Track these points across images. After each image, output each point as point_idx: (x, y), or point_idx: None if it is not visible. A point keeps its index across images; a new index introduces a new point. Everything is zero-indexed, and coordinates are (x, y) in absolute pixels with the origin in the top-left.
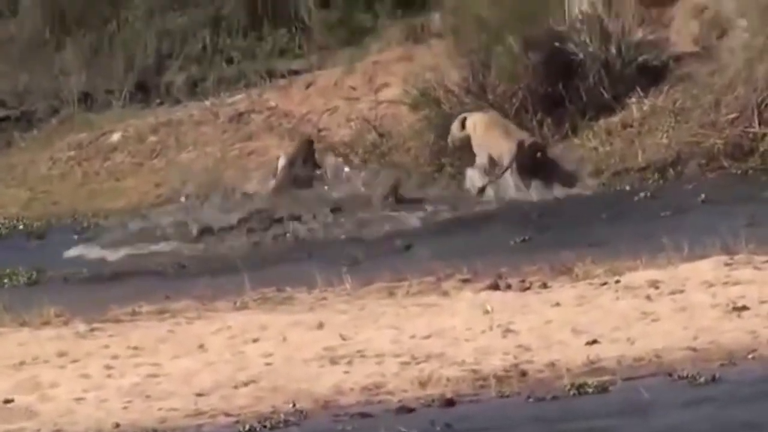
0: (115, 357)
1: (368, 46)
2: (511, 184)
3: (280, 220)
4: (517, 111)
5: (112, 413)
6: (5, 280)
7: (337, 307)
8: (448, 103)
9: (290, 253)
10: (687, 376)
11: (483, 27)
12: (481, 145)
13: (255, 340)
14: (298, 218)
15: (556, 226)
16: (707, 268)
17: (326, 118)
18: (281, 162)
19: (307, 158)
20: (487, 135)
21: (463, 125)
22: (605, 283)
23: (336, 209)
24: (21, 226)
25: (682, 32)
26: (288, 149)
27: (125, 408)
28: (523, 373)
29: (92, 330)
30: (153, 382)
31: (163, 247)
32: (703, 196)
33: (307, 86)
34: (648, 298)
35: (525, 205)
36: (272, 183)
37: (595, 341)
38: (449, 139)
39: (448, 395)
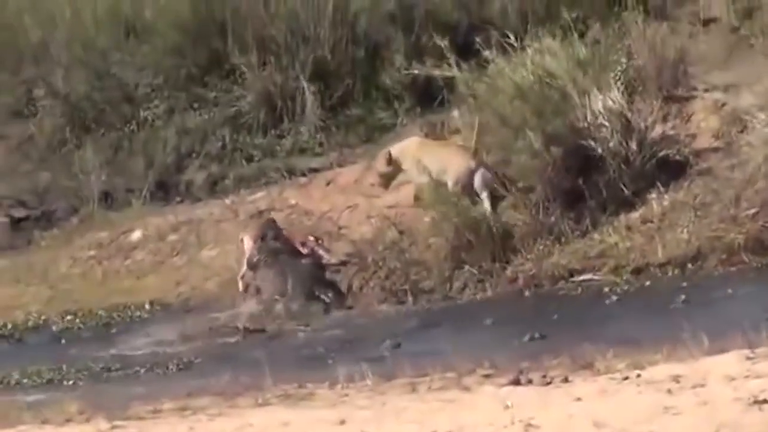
0: None
1: (387, 143)
2: None
3: None
4: (537, 206)
5: None
6: (26, 380)
7: (359, 402)
8: (465, 199)
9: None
10: None
11: (504, 122)
12: (423, 170)
13: None
14: None
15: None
16: (728, 361)
17: (346, 215)
18: (247, 243)
19: (277, 235)
20: (430, 157)
21: (388, 161)
22: (627, 377)
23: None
24: (42, 325)
25: (702, 127)
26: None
27: None
28: None
29: (113, 428)
30: None
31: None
32: (723, 290)
33: (327, 183)
34: (669, 392)
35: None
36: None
37: None
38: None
39: None
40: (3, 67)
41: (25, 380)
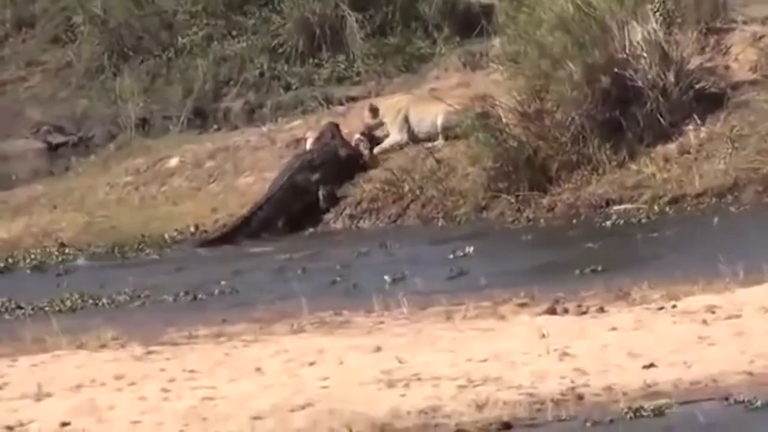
0: (171, 380)
1: (426, 73)
2: None
3: None
4: (575, 137)
5: None
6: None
7: (395, 330)
8: (504, 129)
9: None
10: (743, 401)
11: (543, 53)
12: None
13: (312, 364)
14: None
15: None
16: (764, 293)
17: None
18: (309, 140)
19: (333, 135)
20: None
21: (374, 112)
22: (662, 308)
23: None
24: (80, 251)
25: (739, 59)
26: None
27: (182, 431)
28: (580, 397)
29: (149, 353)
30: (209, 405)
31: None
32: (759, 221)
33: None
34: (705, 322)
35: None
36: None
37: (651, 365)
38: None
39: (505, 419)
40: None
41: (56, 307)
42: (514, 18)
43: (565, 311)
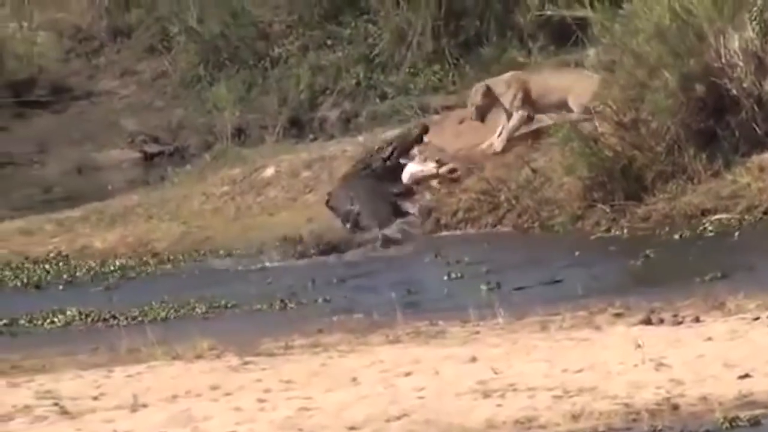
0: (267, 390)
1: None
2: None
3: None
4: (670, 146)
5: None
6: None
7: (490, 340)
8: (599, 138)
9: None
10: None
11: (639, 62)
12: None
13: (407, 374)
14: None
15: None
16: None
17: (478, 153)
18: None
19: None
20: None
21: (485, 93)
22: (758, 318)
23: None
24: (172, 260)
25: None
26: None
27: None
28: (676, 407)
29: (245, 363)
30: (305, 415)
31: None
32: None
33: (461, 122)
34: None
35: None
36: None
37: (747, 375)
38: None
39: (601, 429)
40: (138, 3)
41: (149, 317)
42: (609, 28)
43: (661, 321)
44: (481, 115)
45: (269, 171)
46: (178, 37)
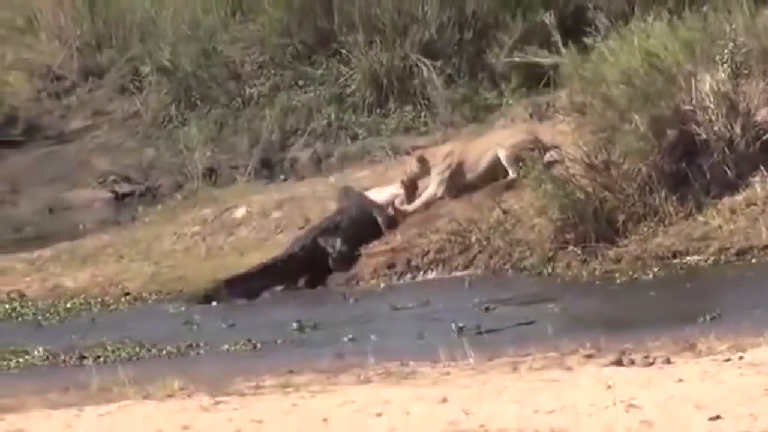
0: (238, 430)
1: (492, 123)
2: None
3: None
4: (641, 188)
5: None
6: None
7: (461, 381)
8: (571, 180)
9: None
10: None
11: (610, 105)
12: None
13: (378, 414)
14: None
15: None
16: None
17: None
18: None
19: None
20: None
21: (422, 162)
22: (729, 360)
23: None
24: (149, 299)
25: None
26: None
27: None
28: None
29: (216, 403)
30: None
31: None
32: None
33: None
34: None
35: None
36: None
37: (718, 417)
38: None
39: None
40: (110, 43)
41: (118, 354)
42: (579, 72)
43: (632, 362)
44: (412, 183)
45: (240, 211)
46: (149, 76)
